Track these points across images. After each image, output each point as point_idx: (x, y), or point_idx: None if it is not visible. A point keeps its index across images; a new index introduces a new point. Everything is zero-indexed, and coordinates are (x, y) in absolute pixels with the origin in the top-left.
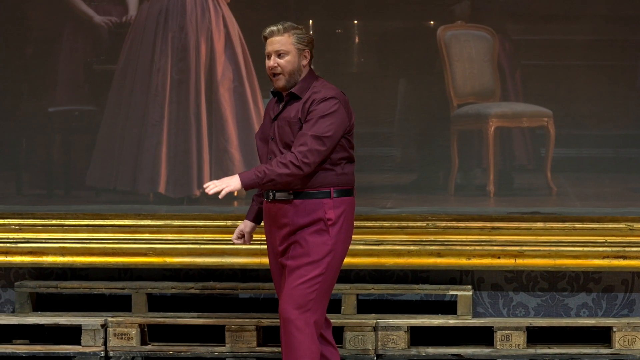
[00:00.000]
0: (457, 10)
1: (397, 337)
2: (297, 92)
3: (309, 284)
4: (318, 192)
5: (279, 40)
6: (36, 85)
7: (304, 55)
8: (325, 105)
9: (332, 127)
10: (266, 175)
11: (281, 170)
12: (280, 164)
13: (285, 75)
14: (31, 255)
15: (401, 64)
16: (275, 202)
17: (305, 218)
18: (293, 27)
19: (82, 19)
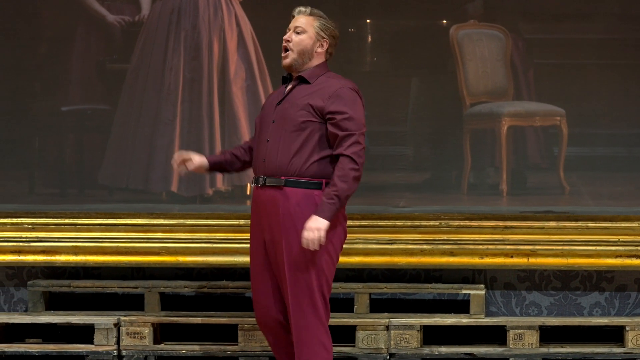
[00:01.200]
0: (470, 9)
1: (409, 336)
2: (306, 77)
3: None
4: (310, 182)
5: (301, 19)
6: (49, 84)
7: (321, 43)
8: (350, 97)
9: (362, 117)
10: (339, 198)
11: (347, 184)
12: (342, 177)
13: (293, 52)
14: (44, 254)
15: (414, 63)
16: (265, 188)
17: (296, 208)
18: (321, 15)
19: (95, 18)
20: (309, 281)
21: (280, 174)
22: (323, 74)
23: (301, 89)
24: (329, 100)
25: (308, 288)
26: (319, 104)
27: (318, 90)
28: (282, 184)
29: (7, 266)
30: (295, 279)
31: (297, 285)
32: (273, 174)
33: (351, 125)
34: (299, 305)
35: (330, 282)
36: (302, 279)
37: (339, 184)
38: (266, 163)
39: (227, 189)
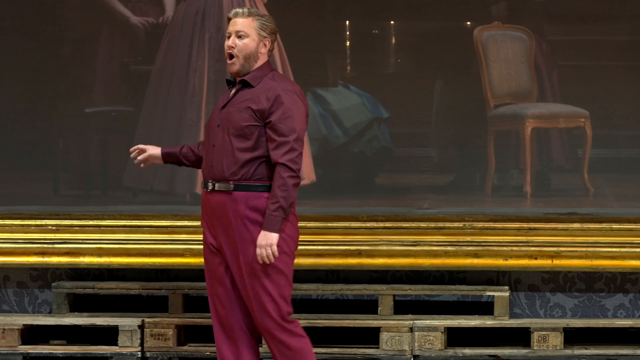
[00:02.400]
0: (494, 11)
1: (433, 338)
2: (249, 80)
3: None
4: (258, 184)
5: (241, 22)
6: (73, 86)
7: (263, 43)
8: (284, 102)
9: (301, 121)
10: (282, 208)
11: (287, 193)
12: (282, 187)
13: (240, 58)
14: (68, 256)
15: (438, 65)
16: (214, 193)
17: (247, 211)
18: (259, 13)
19: (118, 19)
20: (267, 283)
21: (228, 179)
22: (266, 75)
23: (244, 93)
24: (268, 104)
25: (267, 289)
26: (260, 107)
27: (260, 93)
28: (230, 188)
29: (31, 268)
30: (253, 282)
31: (256, 287)
32: (221, 178)
33: (287, 131)
34: (261, 308)
35: (290, 280)
36: (260, 281)
37: (279, 194)
38: (213, 168)
39: None
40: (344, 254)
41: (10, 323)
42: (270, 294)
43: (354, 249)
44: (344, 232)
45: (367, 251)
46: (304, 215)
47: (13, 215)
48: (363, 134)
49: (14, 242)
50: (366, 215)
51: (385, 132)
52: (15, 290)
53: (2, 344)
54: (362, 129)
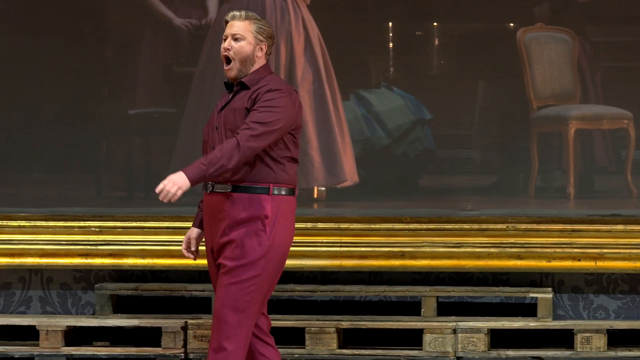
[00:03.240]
0: (537, 12)
1: (477, 340)
2: (246, 82)
3: (243, 285)
4: (257, 187)
5: (238, 25)
6: (116, 87)
7: (260, 47)
8: (272, 95)
9: (277, 117)
10: (211, 163)
11: (224, 155)
12: (223, 149)
13: (236, 62)
14: (111, 257)
15: (481, 66)
16: (213, 194)
17: (242, 213)
18: (256, 17)
19: (161, 21)
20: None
21: (227, 180)
22: (264, 77)
23: (241, 95)
24: (256, 98)
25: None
26: (251, 104)
27: (254, 94)
28: (229, 189)
29: (74, 269)
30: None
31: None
32: (220, 180)
33: (256, 118)
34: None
35: (272, 288)
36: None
37: (216, 152)
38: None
39: None
40: (387, 256)
41: (54, 324)
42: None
43: (397, 251)
44: (387, 233)
45: (411, 253)
46: (347, 217)
47: (56, 217)
48: (406, 136)
49: (58, 243)
50: (409, 216)
51: (428, 134)
52: (58, 292)
53: (46, 346)
54: (405, 131)
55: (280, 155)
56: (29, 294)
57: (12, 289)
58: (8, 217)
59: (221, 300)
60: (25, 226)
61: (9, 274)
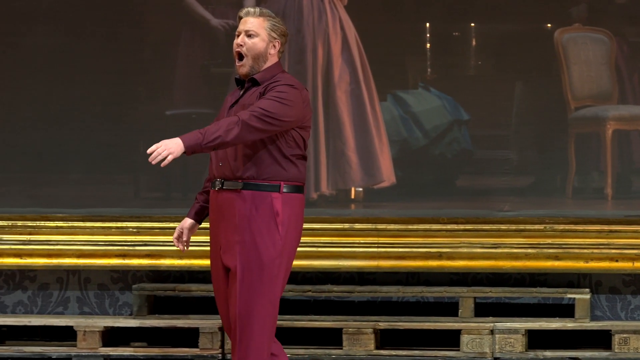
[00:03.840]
0: (574, 13)
1: (514, 340)
2: (258, 79)
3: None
4: (267, 184)
5: (252, 22)
6: (153, 88)
7: (273, 44)
8: (284, 89)
9: (285, 110)
10: (208, 133)
11: (223, 127)
12: (223, 122)
13: (249, 58)
14: (149, 258)
15: (518, 67)
16: (222, 192)
17: (253, 211)
18: (270, 14)
19: (199, 22)
20: (260, 287)
21: (237, 177)
22: (275, 75)
23: (252, 91)
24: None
25: (258, 295)
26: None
27: (264, 88)
28: (239, 187)
29: (112, 270)
30: (246, 285)
31: (248, 291)
32: (230, 177)
33: (265, 105)
34: (247, 312)
35: (283, 287)
36: (253, 285)
37: (214, 125)
38: (223, 167)
39: (332, 192)
40: (424, 256)
41: (92, 325)
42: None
43: (435, 251)
44: (425, 234)
45: (448, 253)
46: (384, 217)
47: (94, 217)
48: (443, 136)
49: (95, 244)
50: (446, 217)
51: (466, 135)
52: (96, 292)
53: (83, 346)
54: (442, 131)
55: (291, 153)
56: (67, 294)
57: (50, 289)
58: (46, 217)
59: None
60: (63, 227)
61: (46, 275)
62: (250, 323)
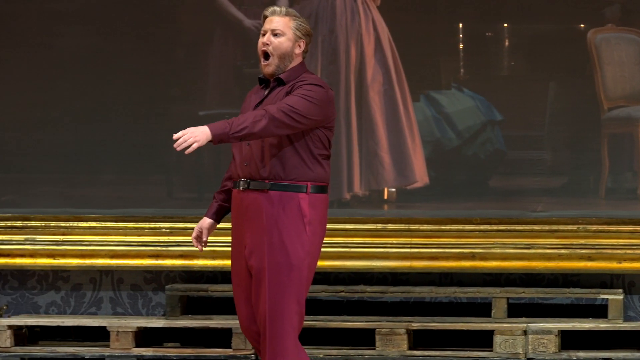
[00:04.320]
0: (607, 13)
1: (547, 341)
2: (283, 79)
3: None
4: (294, 185)
5: (278, 21)
6: (186, 88)
7: (298, 44)
8: (311, 87)
9: (312, 109)
10: (235, 124)
11: (249, 119)
12: (250, 114)
13: (275, 57)
14: (182, 258)
15: (551, 67)
16: (247, 192)
17: (280, 212)
18: (295, 14)
19: (231, 22)
20: (289, 288)
21: (264, 178)
22: (300, 74)
23: (277, 91)
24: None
25: (287, 295)
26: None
27: (292, 89)
28: (267, 187)
29: (145, 270)
30: (274, 285)
31: (277, 291)
32: (256, 177)
33: (293, 102)
34: (276, 313)
35: (308, 288)
36: (282, 286)
37: (241, 117)
38: (249, 167)
39: (365, 193)
40: (457, 257)
41: (125, 325)
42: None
43: (468, 252)
44: (458, 234)
45: (481, 254)
46: (417, 218)
47: (127, 218)
48: (476, 137)
49: (128, 244)
50: (480, 218)
51: (499, 135)
52: (129, 293)
53: (117, 347)
54: (475, 132)
55: (318, 153)
56: (100, 295)
57: (83, 290)
58: (79, 218)
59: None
60: (96, 227)
61: (79, 275)
62: (281, 323)
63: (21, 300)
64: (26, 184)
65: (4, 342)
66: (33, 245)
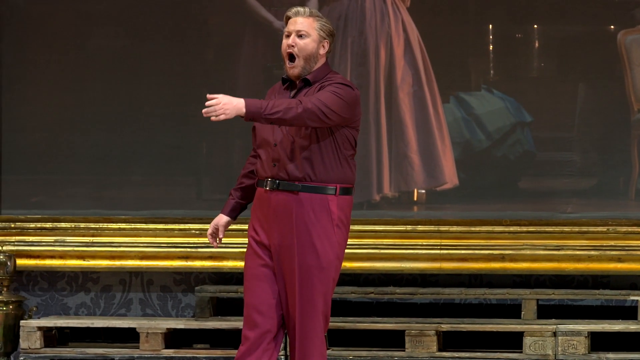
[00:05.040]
0: (637, 15)
1: (577, 343)
2: (310, 80)
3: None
4: (324, 186)
5: (302, 22)
6: (216, 90)
7: (322, 44)
8: (341, 86)
9: (341, 106)
10: (270, 106)
11: (283, 104)
12: (284, 101)
13: (301, 59)
14: (211, 259)
15: (581, 69)
16: (275, 192)
17: (311, 214)
18: (318, 14)
19: (262, 24)
20: (319, 290)
21: (293, 179)
22: (327, 74)
23: (305, 92)
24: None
25: (318, 296)
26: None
27: (320, 88)
28: (297, 189)
29: (175, 272)
30: (306, 287)
31: (308, 293)
32: (285, 178)
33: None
34: (306, 314)
35: (334, 289)
36: (313, 287)
37: (276, 101)
38: (277, 167)
39: (394, 194)
40: (487, 258)
41: (154, 327)
42: (323, 298)
43: (497, 253)
44: (487, 236)
45: (511, 255)
46: (447, 219)
47: (157, 219)
48: (506, 138)
49: (158, 246)
50: (509, 219)
51: (529, 136)
52: (158, 294)
53: (146, 348)
54: (505, 133)
55: (347, 154)
56: (130, 296)
57: (113, 291)
58: (109, 219)
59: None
60: (126, 229)
61: (109, 277)
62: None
63: (51, 301)
64: (56, 186)
65: (33, 344)
66: (63, 247)
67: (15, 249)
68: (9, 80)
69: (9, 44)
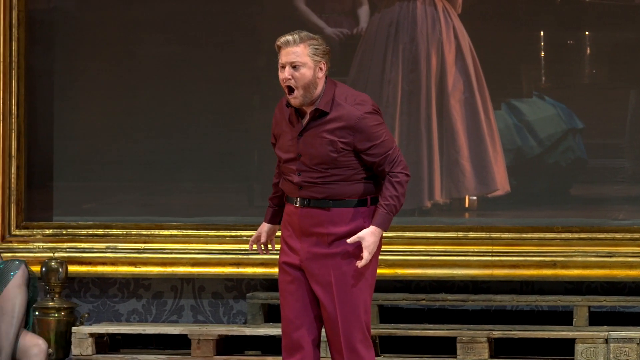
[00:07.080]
0: None
1: (629, 349)
2: (323, 108)
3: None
4: (356, 200)
5: (294, 51)
6: (267, 96)
7: (319, 67)
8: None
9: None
10: (392, 211)
11: (398, 196)
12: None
13: (300, 90)
14: (263, 266)
15: (632, 75)
16: (308, 209)
17: (344, 227)
18: (309, 37)
19: (313, 30)
20: (358, 300)
21: (324, 197)
22: (334, 96)
23: (323, 122)
24: (354, 137)
25: (358, 307)
26: (346, 139)
27: (338, 121)
28: (328, 205)
29: (226, 278)
30: (344, 299)
31: (347, 305)
32: (315, 197)
33: (383, 150)
34: (348, 323)
35: (372, 296)
36: (352, 298)
37: (391, 199)
38: (304, 190)
39: (446, 201)
40: (538, 265)
41: (206, 333)
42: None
43: (549, 260)
44: (539, 243)
45: (562, 262)
46: (499, 226)
47: (208, 226)
48: (558, 145)
49: (210, 252)
50: (561, 226)
51: (580, 143)
52: (210, 301)
53: (198, 354)
54: (556, 140)
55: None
56: (181, 302)
57: (164, 297)
58: (160, 226)
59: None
60: (177, 235)
61: (161, 283)
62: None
63: (102, 308)
64: (107, 193)
65: (85, 350)
66: (114, 254)
67: (67, 255)
68: (61, 88)
69: (60, 52)
